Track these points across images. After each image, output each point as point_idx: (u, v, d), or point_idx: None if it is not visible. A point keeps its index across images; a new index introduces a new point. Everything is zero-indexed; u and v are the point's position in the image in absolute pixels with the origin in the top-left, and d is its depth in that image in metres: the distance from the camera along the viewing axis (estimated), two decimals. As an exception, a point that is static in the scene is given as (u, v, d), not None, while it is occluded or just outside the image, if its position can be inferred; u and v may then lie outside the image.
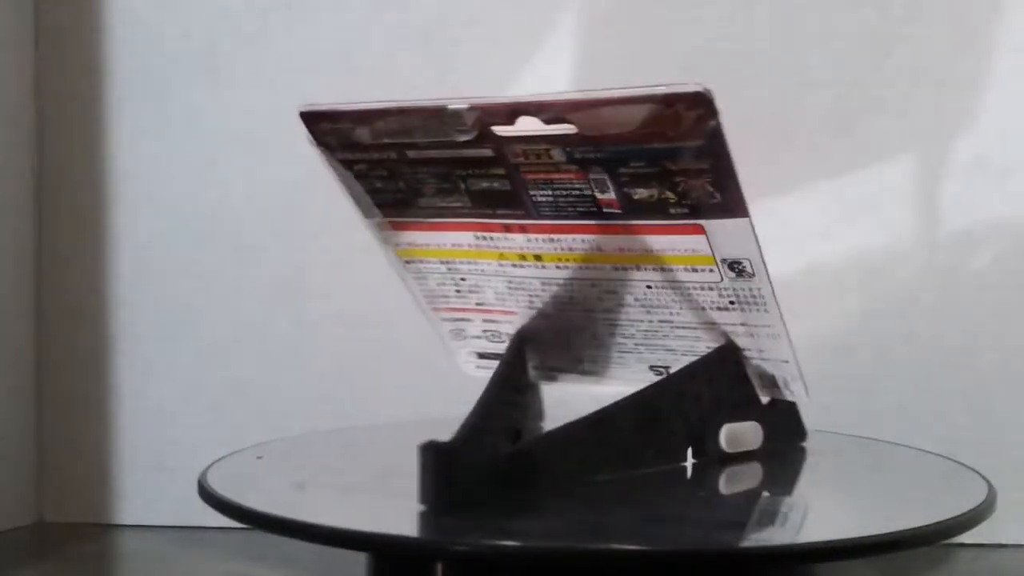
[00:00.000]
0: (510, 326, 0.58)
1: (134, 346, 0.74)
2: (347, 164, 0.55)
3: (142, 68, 0.74)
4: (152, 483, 0.74)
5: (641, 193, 0.52)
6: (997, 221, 0.69)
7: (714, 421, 0.54)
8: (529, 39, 0.72)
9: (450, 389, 0.58)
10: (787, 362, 0.54)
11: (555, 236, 0.54)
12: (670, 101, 0.48)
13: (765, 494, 0.53)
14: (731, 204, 0.50)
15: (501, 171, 0.52)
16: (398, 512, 0.50)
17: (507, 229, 0.54)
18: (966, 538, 0.67)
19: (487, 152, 0.52)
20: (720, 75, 0.70)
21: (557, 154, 0.51)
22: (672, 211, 0.51)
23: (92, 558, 0.71)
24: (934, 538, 0.47)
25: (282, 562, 0.65)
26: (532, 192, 0.52)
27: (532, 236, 0.54)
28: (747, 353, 0.54)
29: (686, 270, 0.53)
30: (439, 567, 0.47)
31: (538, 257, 0.55)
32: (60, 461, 0.75)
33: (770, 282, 0.51)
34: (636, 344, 0.57)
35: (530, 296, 0.57)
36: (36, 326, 0.74)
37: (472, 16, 0.72)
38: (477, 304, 0.58)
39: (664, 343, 0.56)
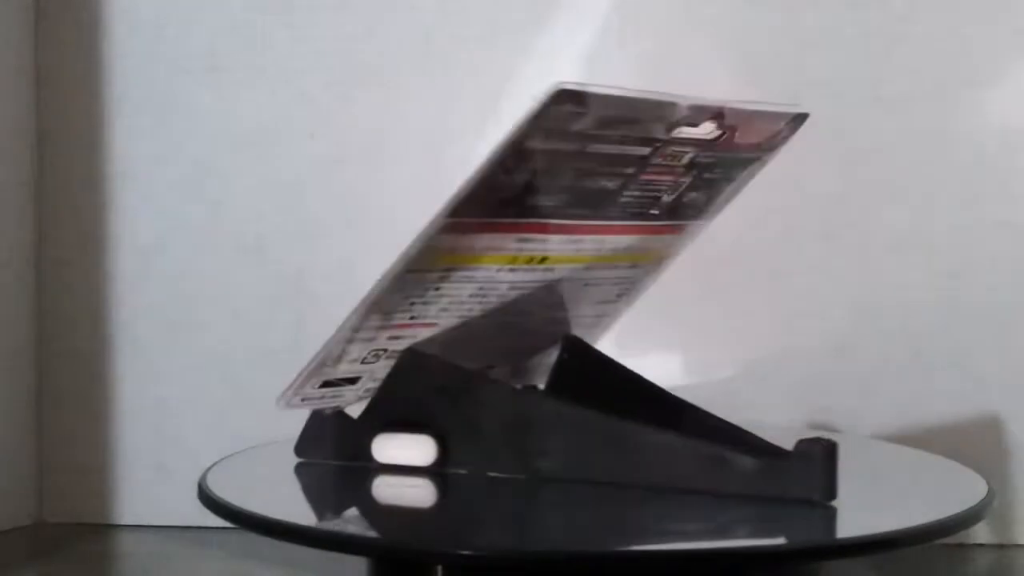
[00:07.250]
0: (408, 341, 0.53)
1: (134, 346, 0.74)
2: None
3: (142, 68, 0.74)
4: (152, 483, 0.74)
5: (691, 196, 0.52)
6: (997, 221, 0.69)
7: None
8: (529, 38, 0.72)
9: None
10: None
11: (580, 236, 0.51)
12: (793, 119, 0.51)
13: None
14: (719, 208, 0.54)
15: (631, 170, 0.49)
16: (398, 515, 0.50)
17: (545, 229, 0.50)
18: (967, 538, 0.67)
19: (644, 151, 0.49)
20: (720, 75, 0.71)
21: (687, 157, 0.50)
22: (690, 213, 0.53)
23: (92, 558, 0.71)
24: (932, 536, 0.47)
25: (283, 563, 0.65)
26: (627, 193, 0.50)
27: (568, 236, 0.51)
28: None
29: (632, 267, 0.55)
30: (439, 571, 0.47)
31: (544, 259, 0.51)
32: (60, 461, 0.75)
33: None
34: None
35: (480, 303, 0.52)
36: (36, 326, 0.74)
37: (473, 15, 0.72)
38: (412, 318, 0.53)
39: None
